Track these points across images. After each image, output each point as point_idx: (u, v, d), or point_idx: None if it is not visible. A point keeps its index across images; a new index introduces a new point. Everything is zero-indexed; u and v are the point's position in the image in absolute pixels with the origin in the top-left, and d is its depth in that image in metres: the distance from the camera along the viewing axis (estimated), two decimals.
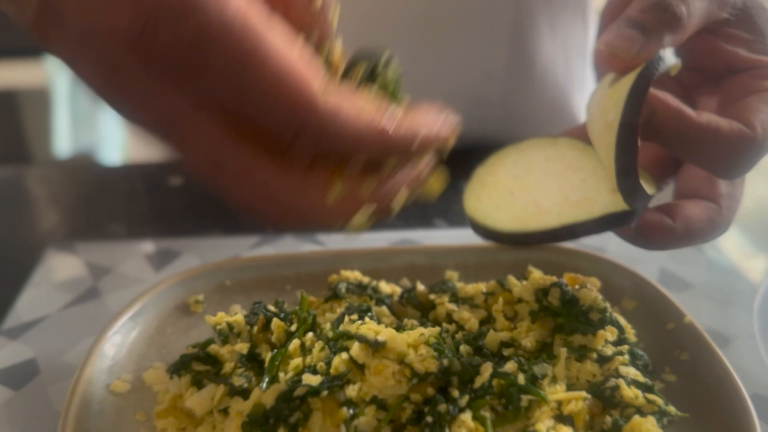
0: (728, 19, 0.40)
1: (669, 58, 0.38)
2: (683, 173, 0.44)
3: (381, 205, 0.33)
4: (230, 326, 0.46)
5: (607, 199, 0.40)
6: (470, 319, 0.47)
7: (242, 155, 0.29)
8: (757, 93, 0.39)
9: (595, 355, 0.44)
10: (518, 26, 0.72)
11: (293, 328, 0.44)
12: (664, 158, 0.45)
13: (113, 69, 0.27)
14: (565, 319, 0.45)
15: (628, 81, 0.37)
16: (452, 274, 0.54)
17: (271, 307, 0.47)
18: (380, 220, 0.33)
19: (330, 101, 0.28)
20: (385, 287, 0.51)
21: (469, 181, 0.46)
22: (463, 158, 0.44)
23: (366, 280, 0.52)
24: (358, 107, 0.29)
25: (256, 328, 0.45)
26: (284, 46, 0.27)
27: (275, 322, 0.44)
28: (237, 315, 0.47)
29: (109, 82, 0.28)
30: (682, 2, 0.37)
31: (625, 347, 0.45)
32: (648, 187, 0.38)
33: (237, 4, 0.26)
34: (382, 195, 0.33)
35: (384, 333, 0.39)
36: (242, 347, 0.45)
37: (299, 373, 0.40)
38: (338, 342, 0.41)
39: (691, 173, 0.43)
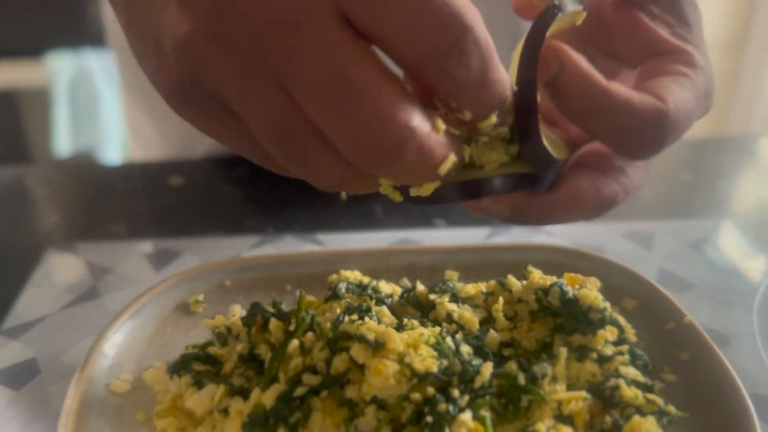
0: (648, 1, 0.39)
1: (568, 4, 0.34)
2: (583, 143, 0.41)
3: (458, 154, 0.31)
4: (229, 329, 0.46)
5: (515, 162, 0.36)
6: (470, 319, 0.47)
7: (370, 66, 0.27)
8: (671, 74, 0.38)
9: (595, 355, 0.44)
10: (519, 30, 0.72)
11: (292, 327, 0.44)
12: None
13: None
14: (565, 319, 0.45)
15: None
16: (452, 274, 0.54)
17: (269, 308, 0.47)
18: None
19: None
20: (385, 287, 0.51)
21: None
22: None
23: (366, 280, 0.52)
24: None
25: (254, 329, 0.45)
26: None
27: (273, 322, 0.44)
28: (234, 317, 0.47)
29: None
30: None
31: (625, 347, 0.45)
32: (557, 152, 0.35)
33: None
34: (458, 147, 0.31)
35: (384, 333, 0.39)
36: (242, 348, 0.45)
37: (299, 373, 0.40)
38: (338, 342, 0.41)
39: (586, 143, 0.40)
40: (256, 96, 0.28)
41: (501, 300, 0.48)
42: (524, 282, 0.48)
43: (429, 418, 0.38)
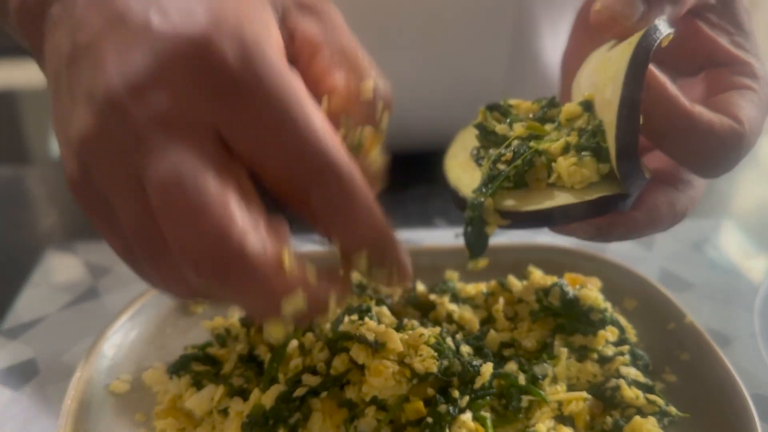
0: (714, 6, 0.39)
1: (664, 27, 0.35)
2: (646, 158, 0.41)
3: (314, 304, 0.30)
4: (228, 330, 0.46)
5: (602, 181, 0.36)
6: (470, 319, 0.47)
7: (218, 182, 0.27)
8: (737, 89, 0.38)
9: (595, 356, 0.44)
10: (520, 28, 0.72)
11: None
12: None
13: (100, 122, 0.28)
14: (566, 319, 0.45)
15: (624, 53, 0.34)
16: (452, 274, 0.54)
17: None
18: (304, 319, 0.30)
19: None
20: (385, 287, 0.51)
21: (451, 144, 0.42)
22: None
23: (366, 280, 0.51)
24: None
25: (253, 329, 0.45)
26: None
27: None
28: (233, 319, 0.47)
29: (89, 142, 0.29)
30: None
31: (625, 347, 0.45)
32: (645, 171, 0.36)
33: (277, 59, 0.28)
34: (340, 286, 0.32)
35: (384, 333, 0.39)
36: (241, 349, 0.45)
37: (299, 374, 0.40)
38: (338, 342, 0.41)
39: (653, 157, 0.40)
40: (124, 194, 0.28)
41: (501, 300, 0.48)
42: (525, 282, 0.48)
43: (429, 419, 0.37)
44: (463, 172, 0.39)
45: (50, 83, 0.31)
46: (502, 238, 0.63)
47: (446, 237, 0.63)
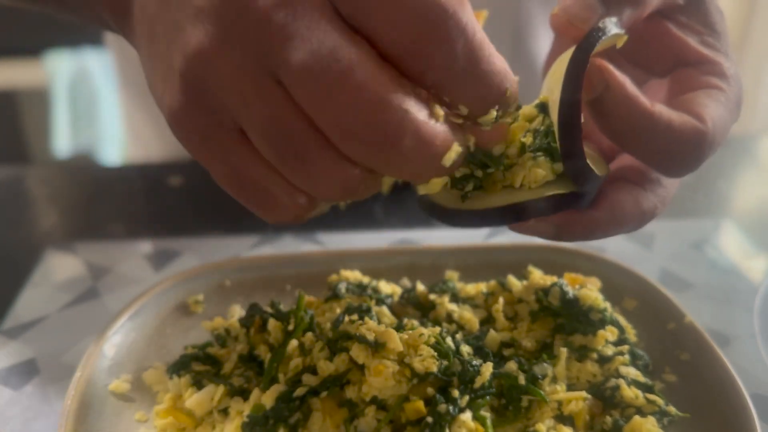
0: (683, 7, 0.39)
1: (611, 28, 0.35)
2: (616, 157, 0.41)
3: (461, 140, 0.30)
4: (227, 331, 0.46)
5: (557, 180, 0.36)
6: (470, 319, 0.47)
7: (370, 65, 0.27)
8: (704, 89, 0.37)
9: (595, 355, 0.44)
10: (519, 29, 0.72)
11: (291, 327, 0.44)
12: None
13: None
14: (566, 319, 0.45)
15: (568, 55, 0.34)
16: (452, 274, 0.54)
17: (268, 308, 0.46)
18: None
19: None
20: (385, 287, 0.51)
21: None
22: None
23: (366, 280, 0.51)
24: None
25: (252, 329, 0.45)
26: None
27: (272, 323, 0.44)
28: (233, 319, 0.47)
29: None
30: None
31: (625, 347, 0.45)
32: (598, 168, 0.36)
33: None
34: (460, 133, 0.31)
35: (384, 333, 0.39)
36: (241, 349, 0.45)
37: (299, 374, 0.40)
38: (338, 342, 0.41)
39: (622, 156, 0.40)
40: (254, 94, 0.28)
41: (501, 300, 0.48)
42: (524, 282, 0.48)
43: (429, 419, 0.37)
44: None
45: (143, 33, 0.32)
46: (502, 238, 0.63)
47: (446, 237, 0.63)
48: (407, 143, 0.28)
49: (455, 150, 0.29)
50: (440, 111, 0.29)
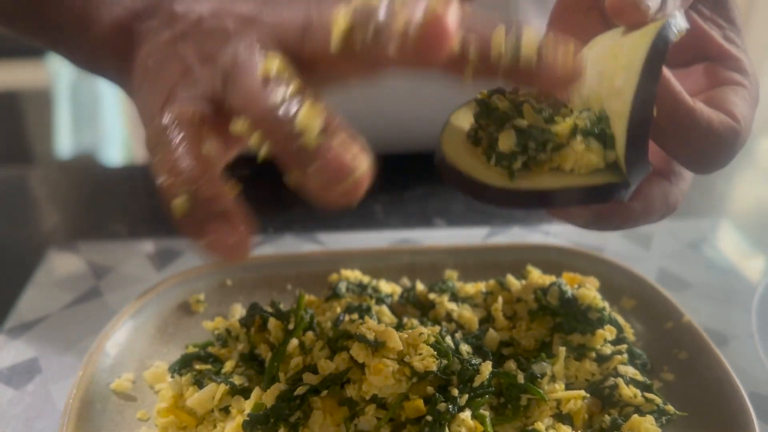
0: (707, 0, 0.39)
1: (681, 24, 0.34)
2: None
3: None
4: (228, 331, 0.47)
5: (606, 167, 0.36)
6: (470, 318, 0.47)
7: None
8: (730, 85, 0.38)
9: (593, 354, 0.44)
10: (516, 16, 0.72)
11: (291, 326, 0.45)
12: None
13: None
14: (564, 318, 0.45)
15: (640, 43, 0.33)
16: (452, 274, 0.54)
17: (268, 308, 0.47)
18: None
19: None
20: (385, 287, 0.51)
21: (444, 128, 0.39)
22: None
23: (366, 279, 0.52)
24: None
25: (253, 329, 0.46)
26: None
27: (272, 322, 0.45)
28: (233, 319, 0.48)
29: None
30: None
31: (623, 346, 0.45)
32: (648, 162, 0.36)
33: None
34: None
35: (384, 332, 0.39)
36: (242, 348, 0.45)
37: (299, 373, 0.41)
38: (338, 341, 0.41)
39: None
40: None
41: (500, 299, 0.48)
42: (523, 281, 0.49)
43: (429, 417, 0.38)
44: (462, 151, 0.38)
45: (143, 79, 0.35)
46: (501, 238, 0.63)
47: (446, 237, 0.63)
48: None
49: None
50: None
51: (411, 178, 0.72)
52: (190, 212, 0.30)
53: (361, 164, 0.28)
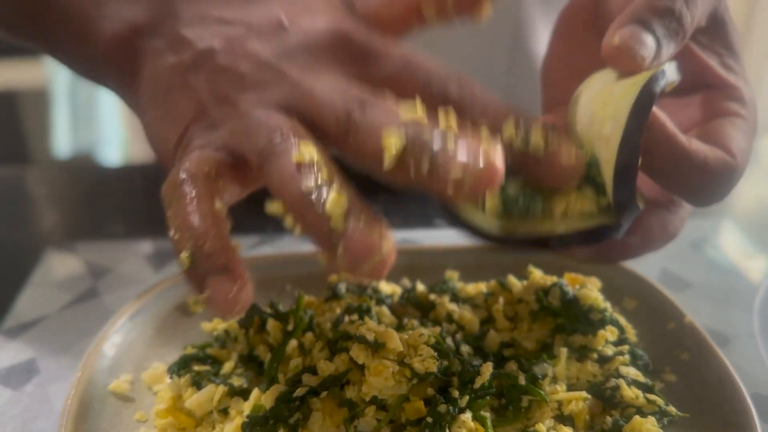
0: (705, 27, 0.38)
1: (672, 75, 0.35)
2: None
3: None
4: (227, 332, 0.46)
5: (599, 211, 0.36)
6: (470, 319, 0.47)
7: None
8: (727, 116, 0.38)
9: (595, 355, 0.44)
10: (519, 30, 0.72)
11: (290, 327, 0.44)
12: None
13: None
14: (566, 319, 0.45)
15: (628, 93, 0.34)
16: (452, 274, 0.54)
17: (267, 309, 0.47)
18: None
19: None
20: (385, 287, 0.51)
21: None
22: None
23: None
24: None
25: (251, 330, 0.45)
26: None
27: (271, 323, 0.44)
28: (231, 320, 0.47)
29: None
30: (689, 12, 0.35)
31: (625, 347, 0.45)
32: (640, 201, 0.36)
33: None
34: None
35: (384, 333, 0.39)
36: (241, 349, 0.45)
37: (299, 374, 0.40)
38: (338, 342, 0.41)
39: (643, 182, 0.40)
40: None
41: (501, 300, 0.48)
42: (524, 282, 0.48)
43: (429, 419, 0.37)
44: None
45: (151, 97, 0.36)
46: None
47: (446, 237, 0.63)
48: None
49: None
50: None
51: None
52: (193, 266, 0.31)
53: (386, 243, 0.29)
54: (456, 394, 0.39)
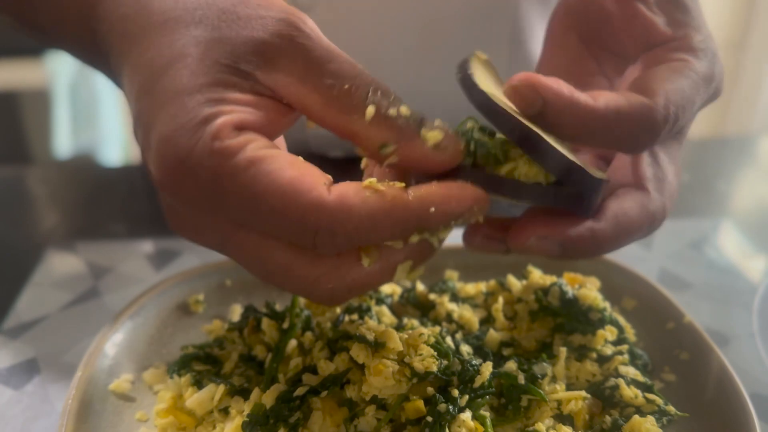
0: None
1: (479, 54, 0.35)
2: (609, 169, 0.41)
3: (418, 256, 0.34)
4: (225, 336, 0.47)
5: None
6: (470, 318, 0.47)
7: (280, 256, 0.32)
8: (667, 62, 0.38)
9: (594, 355, 0.44)
10: (517, 32, 0.72)
11: (286, 326, 0.44)
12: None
13: (168, 207, 0.34)
14: (565, 318, 0.45)
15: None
16: (452, 274, 0.54)
17: (263, 309, 0.47)
18: (426, 261, 0.35)
19: (332, 198, 0.30)
20: (385, 287, 0.51)
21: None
22: None
23: None
24: (362, 193, 0.31)
25: (246, 330, 0.45)
26: (280, 167, 0.30)
27: (266, 322, 0.44)
28: (227, 326, 0.47)
29: (170, 218, 0.35)
30: None
31: (624, 347, 0.45)
32: (595, 173, 0.35)
33: (235, 148, 0.30)
34: (415, 249, 0.34)
35: (384, 333, 0.39)
36: (241, 349, 0.45)
37: (299, 373, 0.40)
38: (338, 342, 0.41)
39: (616, 168, 0.40)
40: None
41: (501, 300, 0.48)
42: (524, 282, 0.48)
43: (429, 418, 0.38)
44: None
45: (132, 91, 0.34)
46: None
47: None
48: (350, 297, 0.34)
49: (403, 269, 0.34)
50: (370, 257, 0.33)
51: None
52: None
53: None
54: (456, 393, 0.39)
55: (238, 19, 0.33)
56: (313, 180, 0.30)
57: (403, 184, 0.32)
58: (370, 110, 0.32)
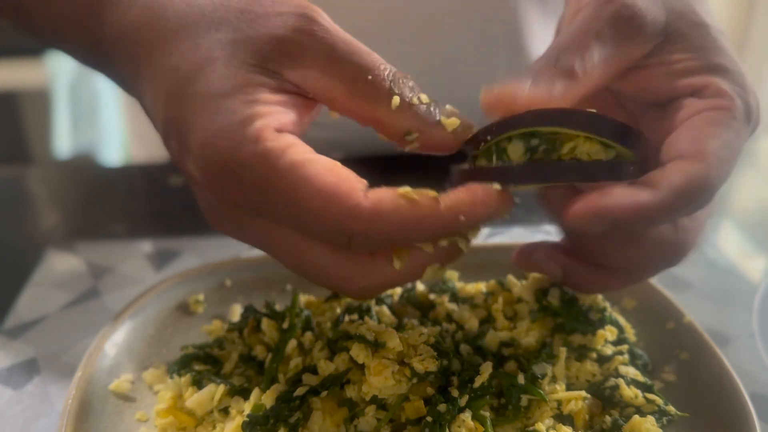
0: (657, 48, 0.37)
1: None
2: None
3: (446, 257, 0.36)
4: (225, 337, 0.47)
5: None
6: (470, 318, 0.47)
7: (316, 254, 0.34)
8: (702, 113, 0.36)
9: (594, 355, 0.44)
10: (516, 32, 0.72)
11: (285, 326, 0.44)
12: None
13: (207, 206, 0.36)
14: (565, 318, 0.45)
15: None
16: (452, 274, 0.54)
17: (263, 309, 0.47)
18: (453, 261, 0.36)
19: (368, 204, 0.32)
20: None
21: None
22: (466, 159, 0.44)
23: None
24: (396, 201, 0.32)
25: (246, 330, 0.45)
26: (321, 171, 0.32)
27: (265, 321, 0.44)
28: (227, 327, 0.47)
29: (210, 216, 0.36)
30: (578, 56, 0.36)
31: (624, 347, 0.45)
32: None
33: (279, 151, 0.31)
34: (444, 252, 0.35)
35: (384, 333, 0.39)
36: (241, 349, 0.45)
37: (299, 373, 0.40)
38: (338, 342, 0.41)
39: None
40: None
41: (501, 300, 0.48)
42: (524, 282, 0.48)
43: (429, 418, 0.38)
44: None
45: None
46: (501, 237, 0.63)
47: None
48: (381, 292, 0.38)
49: (432, 269, 0.36)
50: (402, 258, 0.35)
51: (411, 178, 0.72)
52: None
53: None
54: (456, 393, 0.39)
55: (257, 17, 0.33)
56: (350, 186, 0.32)
57: (435, 193, 0.33)
58: (396, 100, 0.34)
